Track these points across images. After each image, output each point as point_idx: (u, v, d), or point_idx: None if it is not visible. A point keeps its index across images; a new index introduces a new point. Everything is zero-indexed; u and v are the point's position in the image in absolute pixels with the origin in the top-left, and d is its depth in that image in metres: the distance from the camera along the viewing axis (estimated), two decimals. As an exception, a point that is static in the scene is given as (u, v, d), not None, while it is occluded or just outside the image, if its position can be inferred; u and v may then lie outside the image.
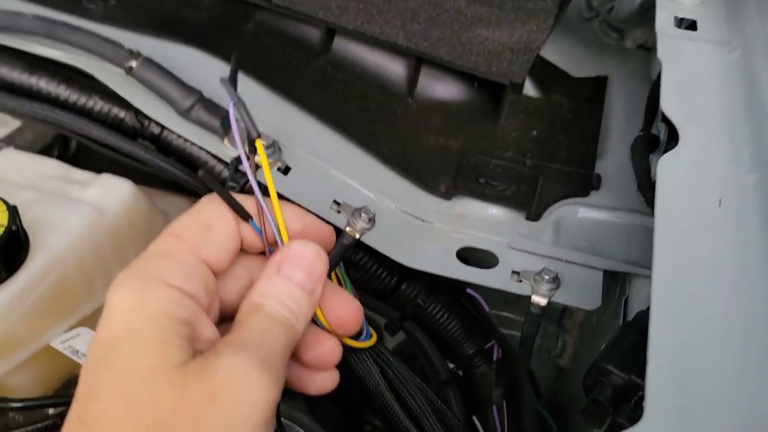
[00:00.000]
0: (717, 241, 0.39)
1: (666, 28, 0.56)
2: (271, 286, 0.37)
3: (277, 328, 0.35)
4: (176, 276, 0.34)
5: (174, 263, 0.35)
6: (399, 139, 0.62)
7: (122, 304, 0.33)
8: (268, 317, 0.35)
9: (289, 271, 0.38)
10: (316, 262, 0.38)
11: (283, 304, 0.36)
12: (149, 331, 0.32)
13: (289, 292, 0.37)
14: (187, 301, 0.34)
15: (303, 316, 0.37)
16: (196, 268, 0.36)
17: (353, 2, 0.60)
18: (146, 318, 0.33)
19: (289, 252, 0.38)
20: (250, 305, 0.36)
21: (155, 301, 0.33)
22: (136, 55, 0.53)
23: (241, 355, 0.32)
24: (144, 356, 0.32)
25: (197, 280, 0.35)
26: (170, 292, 0.34)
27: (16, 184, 0.52)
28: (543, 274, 0.53)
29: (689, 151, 0.45)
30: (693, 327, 0.36)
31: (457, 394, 0.61)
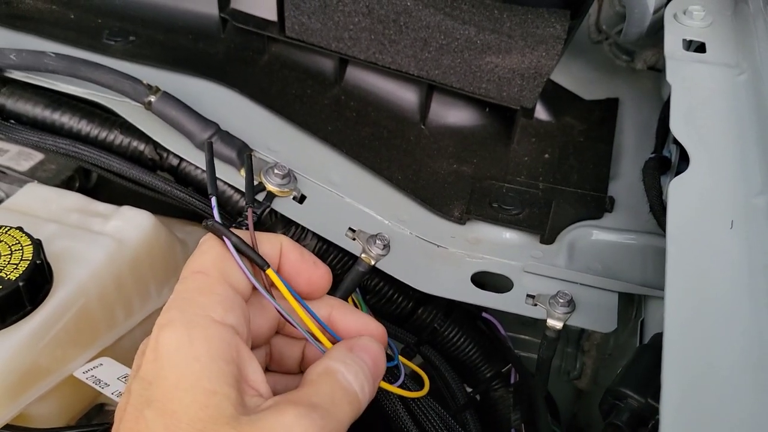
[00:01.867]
0: (729, 264, 0.39)
1: (674, 50, 0.56)
2: (346, 356, 0.37)
3: (346, 401, 0.35)
4: (218, 309, 0.35)
5: (213, 296, 0.35)
6: (412, 165, 0.63)
7: (170, 344, 0.33)
8: (340, 386, 0.35)
9: (361, 353, 0.38)
10: (381, 356, 0.39)
11: (357, 378, 0.36)
12: (199, 377, 0.32)
13: (362, 367, 0.37)
14: (232, 337, 0.34)
15: (366, 398, 0.37)
16: (232, 297, 0.36)
17: (365, 33, 0.61)
18: (194, 360, 0.32)
19: (359, 341, 0.39)
20: (324, 368, 0.36)
21: (202, 341, 0.33)
22: (154, 90, 0.55)
23: (303, 418, 0.32)
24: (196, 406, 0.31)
25: (237, 310, 0.36)
26: (216, 329, 0.34)
27: (40, 217, 0.53)
28: (558, 298, 0.53)
29: (700, 174, 0.45)
30: (707, 350, 0.36)
31: (475, 418, 0.61)
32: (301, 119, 0.62)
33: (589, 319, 0.53)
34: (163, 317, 0.34)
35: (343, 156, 0.61)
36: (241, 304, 0.36)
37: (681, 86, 0.52)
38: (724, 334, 0.37)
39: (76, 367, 0.48)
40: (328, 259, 0.59)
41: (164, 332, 0.33)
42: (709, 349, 0.36)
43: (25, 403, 0.46)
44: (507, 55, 0.60)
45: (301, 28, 0.63)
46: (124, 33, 0.66)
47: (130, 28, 0.67)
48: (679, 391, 0.35)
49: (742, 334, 0.37)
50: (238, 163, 0.54)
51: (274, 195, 0.54)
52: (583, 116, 0.69)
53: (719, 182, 0.44)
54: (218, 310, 0.34)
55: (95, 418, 0.56)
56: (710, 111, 0.50)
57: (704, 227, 0.41)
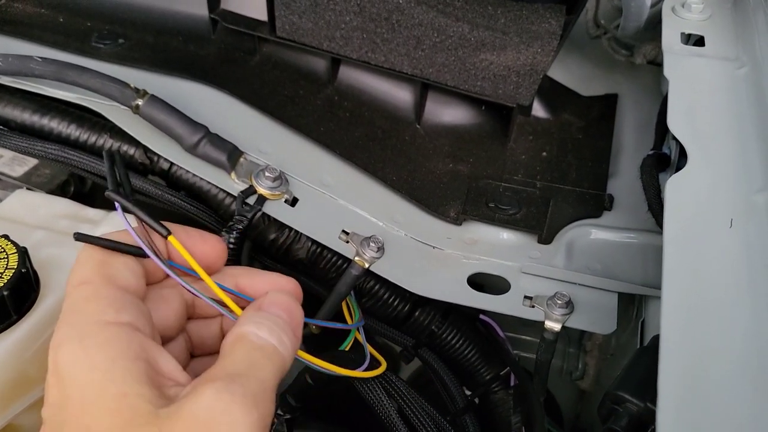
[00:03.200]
0: (729, 263, 0.38)
1: (672, 44, 0.55)
2: (254, 316, 0.36)
3: (263, 358, 0.33)
4: (109, 310, 0.33)
5: (100, 300, 0.33)
6: (407, 165, 0.62)
7: (66, 361, 0.31)
8: (253, 346, 0.34)
9: (272, 309, 0.37)
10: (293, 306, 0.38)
11: (270, 331, 0.35)
12: (103, 385, 0.30)
13: (275, 321, 0.36)
14: (132, 334, 0.32)
15: (288, 348, 0.35)
16: (121, 296, 0.34)
17: (357, 32, 0.60)
18: (93, 370, 0.30)
19: (267, 297, 0.38)
20: (236, 335, 0.34)
21: (97, 348, 0.31)
22: (141, 93, 0.54)
23: (221, 393, 0.30)
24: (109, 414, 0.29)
25: (131, 307, 0.34)
26: (110, 331, 0.32)
27: (28, 224, 0.52)
28: (556, 299, 0.52)
29: (698, 171, 0.44)
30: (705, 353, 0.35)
31: (474, 422, 0.60)
32: (293, 120, 0.61)
33: (588, 321, 0.52)
34: (55, 337, 0.32)
35: (337, 157, 0.60)
36: (134, 301, 0.35)
37: (679, 81, 0.51)
38: (723, 335, 0.36)
39: (65, 376, 0.48)
40: (321, 262, 0.58)
41: (59, 352, 0.32)
42: (708, 352, 0.35)
43: (13, 414, 0.45)
44: (502, 51, 0.59)
45: (292, 27, 0.62)
46: (114, 36, 0.65)
47: (119, 31, 0.66)
48: (677, 395, 0.34)
49: (742, 335, 0.36)
50: (228, 167, 0.53)
51: (266, 198, 0.54)
52: (582, 113, 0.68)
53: (718, 179, 0.43)
54: (109, 311, 0.32)
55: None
56: (709, 106, 0.49)
57: (703, 226, 0.40)
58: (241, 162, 0.55)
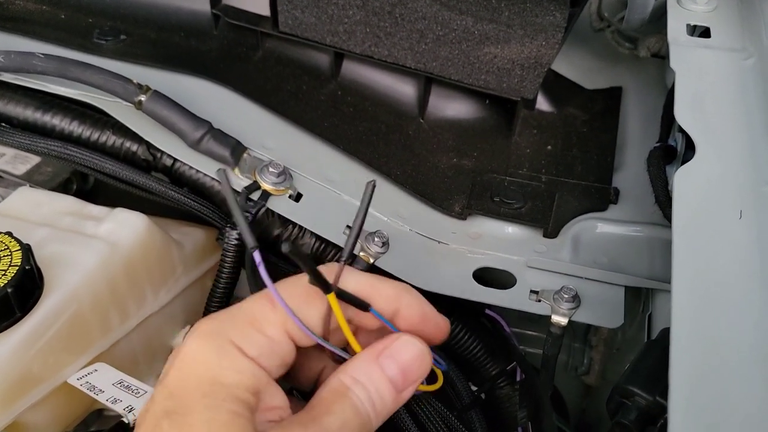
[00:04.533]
0: (739, 255, 0.38)
1: (678, 36, 0.54)
2: (363, 371, 0.35)
3: (356, 422, 0.34)
4: (254, 348, 0.34)
5: (256, 335, 0.34)
6: (411, 160, 0.62)
7: (198, 358, 0.33)
8: (351, 406, 0.34)
9: (386, 362, 0.35)
10: (417, 363, 0.36)
11: (369, 397, 0.34)
12: (224, 399, 0.31)
13: (379, 386, 0.35)
14: (261, 373, 0.33)
15: (383, 415, 0.35)
16: (278, 344, 0.35)
17: (360, 26, 0.60)
18: (220, 384, 0.32)
19: (394, 342, 0.36)
20: (337, 385, 0.34)
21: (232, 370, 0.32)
22: (144, 89, 0.54)
23: None
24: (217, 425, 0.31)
25: (276, 356, 0.34)
26: (246, 364, 0.33)
27: (31, 221, 0.52)
28: (562, 293, 0.52)
29: (706, 163, 0.43)
30: (716, 346, 0.35)
31: (481, 418, 0.59)
32: (297, 116, 0.61)
33: (594, 315, 0.52)
34: (207, 324, 0.34)
35: (340, 152, 0.60)
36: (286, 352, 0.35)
37: (685, 72, 0.51)
38: (734, 328, 0.35)
39: (70, 373, 0.47)
40: (326, 257, 0.58)
41: (197, 343, 0.33)
42: (719, 345, 0.35)
43: (18, 411, 0.45)
44: (506, 45, 0.58)
45: (295, 22, 0.61)
46: (115, 32, 0.64)
47: (121, 27, 0.66)
48: (688, 388, 0.33)
49: (753, 327, 0.35)
50: (232, 162, 0.53)
51: (270, 194, 0.53)
52: (586, 106, 0.67)
53: (727, 171, 0.43)
54: (254, 349, 0.33)
55: (93, 424, 0.55)
56: (716, 97, 0.48)
57: (712, 218, 0.40)
58: (245, 157, 0.55)
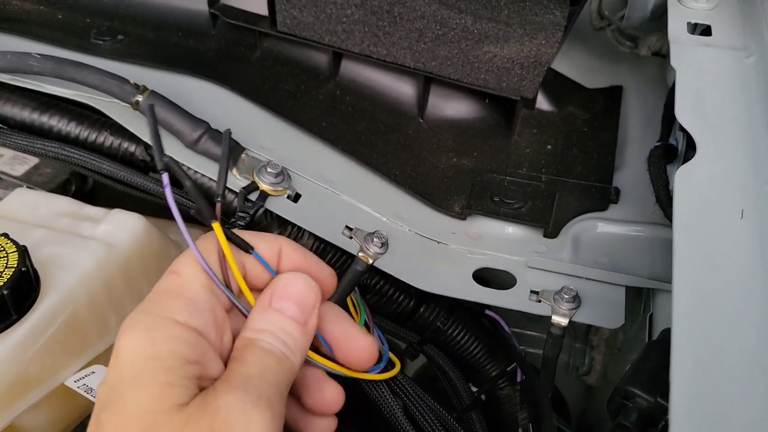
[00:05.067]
0: (740, 255, 0.38)
1: (678, 34, 0.54)
2: (262, 320, 0.37)
3: (274, 363, 0.35)
4: (182, 312, 0.34)
5: (179, 299, 0.35)
6: (411, 160, 0.61)
7: (130, 345, 0.33)
8: (262, 351, 0.35)
9: (279, 304, 0.37)
10: (307, 292, 0.38)
11: (276, 337, 0.36)
12: (156, 372, 0.32)
13: (282, 326, 0.37)
14: (196, 339, 0.34)
15: (299, 349, 0.37)
16: (201, 301, 0.36)
17: (359, 26, 0.60)
18: (154, 359, 0.32)
19: (278, 285, 0.38)
20: (244, 341, 0.36)
21: (164, 341, 0.33)
22: (141, 89, 0.53)
23: (239, 392, 0.32)
24: (148, 398, 0.31)
25: (204, 314, 0.35)
26: (178, 330, 0.34)
27: (28, 223, 0.52)
28: (563, 293, 0.52)
29: (707, 162, 0.43)
30: (718, 347, 0.34)
31: (481, 419, 0.59)
32: (295, 116, 0.60)
33: (595, 315, 0.52)
34: (128, 319, 0.34)
35: (339, 152, 0.59)
36: (213, 307, 0.36)
37: (686, 71, 0.50)
38: (735, 328, 0.35)
39: (67, 375, 0.47)
40: (325, 258, 0.57)
41: (125, 335, 0.34)
42: (720, 345, 0.34)
43: (15, 414, 0.45)
44: (505, 44, 0.58)
45: (293, 22, 0.61)
46: (113, 32, 0.64)
47: (118, 27, 0.65)
48: (689, 389, 0.33)
49: (755, 327, 0.35)
50: (230, 163, 0.53)
51: (268, 194, 0.53)
52: (586, 105, 0.67)
53: (728, 170, 0.42)
54: (182, 312, 0.34)
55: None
56: (717, 96, 0.48)
57: (713, 217, 0.40)
58: (243, 158, 0.54)
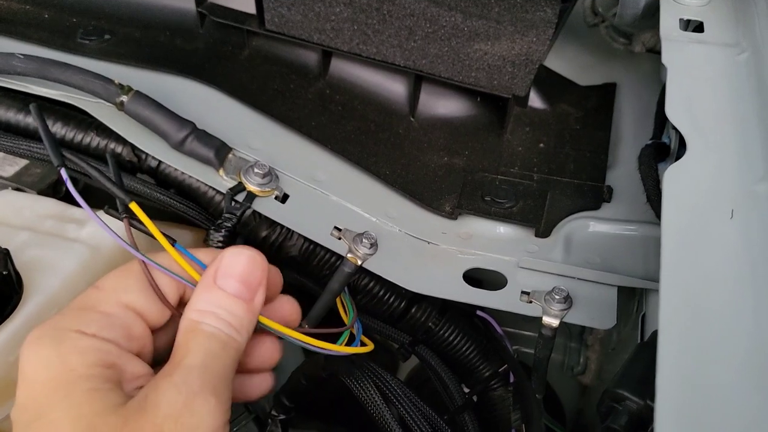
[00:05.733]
0: (730, 255, 0.37)
1: (671, 31, 0.53)
2: (206, 300, 0.35)
3: (218, 347, 0.34)
4: (92, 325, 0.33)
5: (90, 313, 0.34)
6: (401, 159, 0.61)
7: (38, 362, 0.32)
8: (206, 337, 0.34)
9: (223, 281, 0.36)
10: (252, 267, 0.37)
11: (220, 319, 0.35)
12: (76, 382, 0.31)
13: (226, 305, 0.35)
14: (107, 346, 0.33)
15: (245, 328, 0.36)
16: (114, 316, 0.35)
17: (347, 23, 0.59)
18: (67, 371, 0.31)
19: (222, 261, 0.37)
20: (187, 324, 0.35)
21: (74, 354, 0.32)
22: (126, 89, 0.53)
23: (180, 385, 0.32)
24: (75, 406, 0.30)
25: (116, 328, 0.34)
26: (87, 341, 0.33)
27: (13, 225, 0.51)
28: (554, 294, 0.51)
29: (697, 161, 0.42)
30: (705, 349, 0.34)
31: (473, 419, 0.59)
32: (284, 115, 0.60)
33: (587, 316, 0.51)
34: (31, 334, 0.33)
35: (328, 152, 0.59)
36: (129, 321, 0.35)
37: (678, 68, 0.50)
38: (724, 330, 0.34)
39: (51, 379, 0.47)
40: (315, 259, 0.57)
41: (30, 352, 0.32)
42: (708, 347, 0.34)
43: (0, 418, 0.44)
44: (496, 41, 0.57)
45: (281, 20, 0.60)
46: (99, 31, 0.63)
47: (105, 27, 0.65)
48: (676, 392, 0.33)
49: (743, 330, 0.34)
50: (216, 163, 0.52)
51: (255, 195, 0.52)
52: (579, 103, 0.66)
53: (718, 169, 0.42)
54: (92, 326, 0.33)
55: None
56: (709, 93, 0.47)
57: (702, 217, 0.39)
58: (230, 158, 0.54)
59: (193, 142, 0.52)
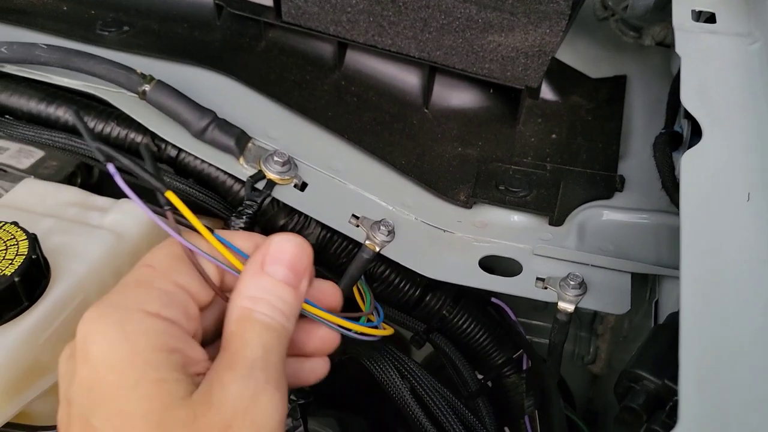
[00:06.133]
0: (748, 237, 0.38)
1: (683, 22, 0.54)
2: (256, 287, 0.35)
3: (274, 338, 0.34)
4: (154, 303, 0.33)
5: (150, 290, 0.33)
6: (416, 149, 0.61)
7: (102, 341, 0.31)
8: (263, 327, 0.34)
9: (272, 267, 0.35)
10: (299, 254, 0.36)
11: (273, 307, 0.34)
12: (144, 370, 0.30)
13: (277, 292, 0.35)
14: (170, 328, 0.32)
15: (293, 314, 0.35)
16: (173, 294, 0.34)
17: (363, 15, 0.60)
18: (135, 355, 0.31)
19: (270, 247, 0.36)
20: (240, 312, 0.34)
21: (139, 334, 0.31)
22: (148, 79, 0.53)
23: (247, 380, 0.31)
24: (144, 398, 0.30)
25: (176, 306, 0.34)
26: (152, 321, 0.32)
27: (36, 212, 0.52)
28: (569, 280, 0.52)
29: (713, 146, 0.43)
30: (726, 328, 0.35)
31: (487, 405, 0.59)
32: (301, 105, 0.61)
33: (601, 301, 0.52)
34: (92, 311, 0.32)
35: (345, 142, 0.59)
36: (185, 301, 0.34)
37: (691, 58, 0.51)
38: (743, 311, 0.35)
39: (77, 363, 0.47)
40: (332, 247, 0.58)
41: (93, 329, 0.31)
42: (728, 328, 0.35)
43: (27, 401, 0.45)
44: (510, 33, 0.58)
45: (298, 12, 0.61)
46: (118, 23, 0.64)
47: (123, 19, 0.66)
48: (698, 371, 0.33)
49: (762, 309, 0.35)
50: (237, 152, 0.53)
51: (275, 183, 0.53)
52: (591, 95, 0.67)
53: (734, 154, 0.42)
54: (154, 304, 0.32)
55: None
56: (723, 82, 0.48)
57: (720, 201, 0.40)
58: (250, 147, 0.54)
59: (214, 131, 0.53)
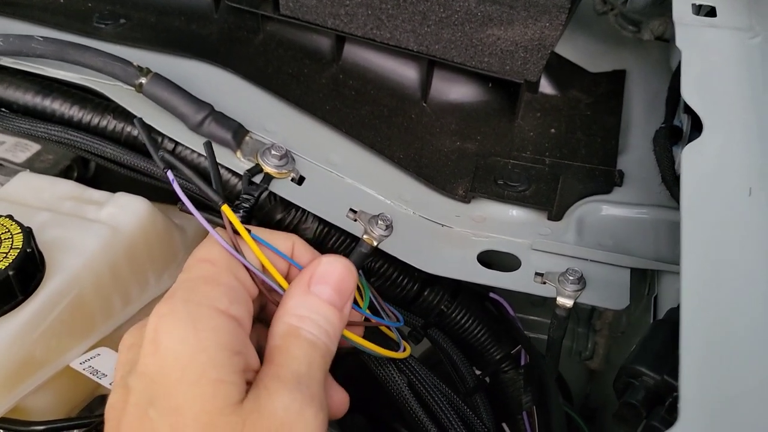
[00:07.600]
0: (749, 232, 0.38)
1: (683, 15, 0.54)
2: (303, 306, 0.36)
3: (319, 356, 0.34)
4: (223, 300, 0.33)
5: (218, 287, 0.34)
6: (414, 143, 0.61)
7: (174, 335, 0.32)
8: (309, 344, 0.34)
9: (318, 288, 0.36)
10: (346, 277, 0.37)
11: (319, 327, 0.35)
12: (205, 367, 0.31)
13: (323, 313, 0.36)
14: (237, 329, 0.33)
15: (336, 336, 0.36)
16: (238, 290, 0.35)
17: (362, 8, 0.59)
18: (200, 351, 0.31)
19: (318, 268, 0.37)
20: (287, 328, 0.35)
21: (209, 332, 0.32)
22: (145, 71, 0.53)
23: (294, 393, 0.32)
24: (201, 398, 0.30)
25: (242, 303, 0.34)
26: (221, 320, 0.33)
27: (32, 206, 0.52)
28: (567, 275, 0.52)
29: (714, 140, 0.43)
30: (727, 323, 0.34)
31: (485, 401, 0.59)
32: (299, 99, 0.60)
33: (600, 296, 0.52)
34: (164, 306, 0.33)
35: (343, 135, 0.59)
36: (245, 297, 0.35)
37: (692, 52, 0.50)
38: (744, 307, 0.35)
39: (72, 357, 0.47)
40: (329, 241, 0.57)
41: (165, 323, 0.32)
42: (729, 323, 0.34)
43: (21, 395, 0.45)
44: (509, 26, 0.58)
45: (296, 5, 0.61)
46: (115, 16, 0.64)
47: (120, 11, 0.65)
48: (698, 367, 0.33)
49: (763, 304, 0.35)
50: (234, 145, 0.53)
51: (272, 177, 0.53)
52: (590, 89, 0.67)
53: (735, 148, 0.42)
54: (224, 300, 0.33)
55: (97, 409, 0.55)
56: (723, 76, 0.48)
57: (720, 195, 0.40)
58: (247, 140, 0.54)
59: (212, 124, 0.52)
